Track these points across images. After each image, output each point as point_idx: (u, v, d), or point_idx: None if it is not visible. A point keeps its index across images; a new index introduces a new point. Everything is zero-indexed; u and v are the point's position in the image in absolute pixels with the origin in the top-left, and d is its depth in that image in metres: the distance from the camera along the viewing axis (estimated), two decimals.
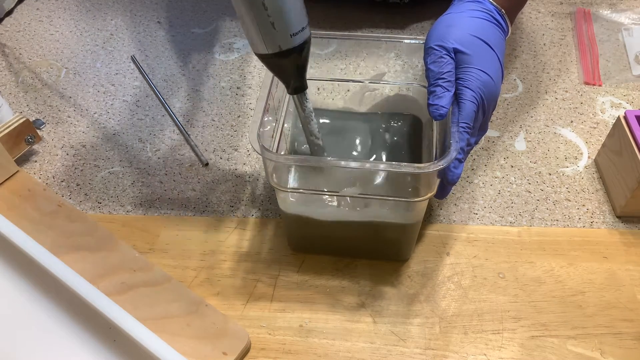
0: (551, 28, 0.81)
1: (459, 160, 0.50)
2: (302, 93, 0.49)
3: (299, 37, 0.44)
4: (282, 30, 0.43)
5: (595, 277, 0.54)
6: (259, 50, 0.45)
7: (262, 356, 0.50)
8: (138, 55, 0.79)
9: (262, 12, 0.42)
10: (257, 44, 0.45)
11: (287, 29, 0.43)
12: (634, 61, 0.75)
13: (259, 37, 0.44)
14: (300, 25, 0.44)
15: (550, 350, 0.49)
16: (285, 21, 0.43)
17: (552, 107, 0.70)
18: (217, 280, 0.55)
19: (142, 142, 0.68)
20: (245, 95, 0.73)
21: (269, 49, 0.44)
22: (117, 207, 0.61)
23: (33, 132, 0.64)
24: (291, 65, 0.46)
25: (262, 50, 0.45)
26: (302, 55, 0.46)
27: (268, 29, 0.43)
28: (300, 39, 0.44)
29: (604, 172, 0.62)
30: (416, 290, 0.54)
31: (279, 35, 0.43)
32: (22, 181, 0.62)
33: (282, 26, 0.43)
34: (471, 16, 0.52)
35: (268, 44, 0.44)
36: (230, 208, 0.61)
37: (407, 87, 0.59)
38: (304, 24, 0.45)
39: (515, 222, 0.59)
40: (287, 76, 0.48)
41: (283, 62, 0.46)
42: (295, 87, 0.48)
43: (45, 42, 0.82)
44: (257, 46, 0.45)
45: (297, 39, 0.44)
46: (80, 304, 0.50)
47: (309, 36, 0.46)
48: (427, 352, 0.49)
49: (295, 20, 0.44)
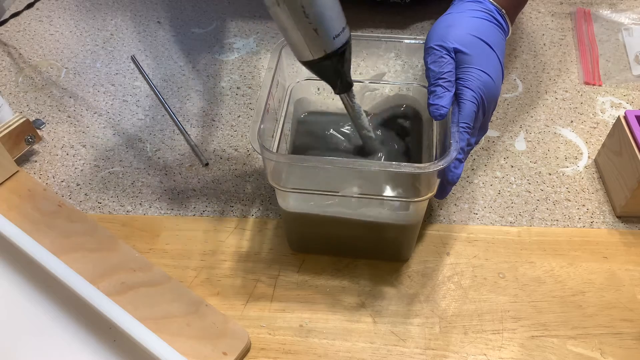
0: (551, 28, 0.81)
1: (459, 160, 0.50)
2: (350, 91, 0.50)
3: (341, 38, 0.45)
4: (325, 35, 0.44)
5: (595, 277, 0.54)
6: (305, 57, 0.46)
7: (262, 356, 0.50)
8: (138, 55, 0.79)
9: (303, 20, 0.43)
10: (302, 52, 0.46)
11: (329, 32, 0.44)
12: (634, 61, 0.75)
13: (303, 45, 0.45)
14: (341, 26, 0.45)
15: (550, 350, 0.49)
16: (327, 25, 0.44)
17: (552, 107, 0.70)
18: (217, 280, 0.55)
19: (142, 142, 0.68)
20: (245, 95, 0.73)
21: (314, 55, 0.46)
22: (117, 207, 0.61)
23: (33, 132, 0.64)
24: (337, 67, 0.47)
25: (307, 57, 0.46)
26: (345, 54, 0.47)
27: (311, 35, 0.44)
28: (342, 39, 0.46)
29: (604, 172, 0.62)
30: (416, 290, 0.54)
31: (322, 39, 0.45)
32: (22, 181, 0.62)
33: (324, 31, 0.44)
34: (471, 16, 0.52)
35: (313, 50, 0.45)
36: (230, 208, 0.61)
37: (407, 87, 0.59)
38: (343, 24, 0.46)
39: (515, 222, 0.59)
40: (334, 78, 0.49)
41: (329, 64, 0.47)
42: (342, 86, 0.49)
43: (45, 42, 0.82)
44: (302, 54, 0.46)
45: (339, 41, 0.45)
46: (80, 304, 0.50)
47: (349, 36, 0.47)
48: (427, 352, 0.49)
49: (336, 22, 0.45)
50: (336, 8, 0.45)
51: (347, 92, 0.50)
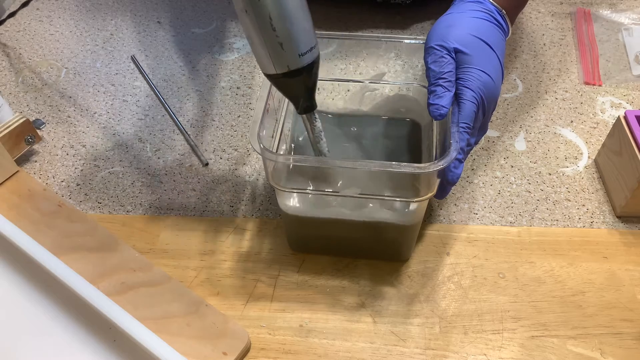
0: (551, 28, 0.81)
1: (459, 160, 0.50)
2: (312, 112, 0.49)
3: (307, 57, 0.44)
4: (291, 51, 0.43)
5: (595, 277, 0.54)
6: (268, 70, 0.45)
7: (262, 356, 0.50)
8: (138, 55, 0.79)
9: (270, 33, 0.42)
10: (265, 65, 0.45)
11: (296, 49, 0.43)
12: (634, 61, 0.75)
13: (267, 58, 0.44)
14: (309, 45, 0.44)
15: (550, 350, 0.49)
16: (294, 41, 0.43)
17: (552, 107, 0.70)
18: (217, 280, 0.55)
19: (142, 142, 0.68)
20: (245, 95, 0.73)
21: (277, 69, 0.44)
22: (117, 207, 0.61)
23: (33, 132, 0.64)
24: (300, 85, 0.46)
25: (270, 70, 0.45)
26: (311, 75, 0.46)
27: (276, 49, 0.43)
28: (308, 58, 0.44)
29: (604, 172, 0.62)
30: (416, 290, 0.54)
31: (288, 55, 0.43)
32: (22, 181, 0.62)
33: (290, 46, 0.43)
34: (472, 16, 0.52)
35: (277, 65, 0.44)
36: (230, 208, 0.61)
37: (407, 87, 0.59)
38: (312, 44, 0.44)
39: (515, 222, 0.59)
40: (296, 96, 0.48)
41: (292, 82, 0.46)
42: (304, 107, 0.48)
43: (45, 42, 0.82)
44: (265, 67, 0.45)
45: (305, 59, 0.44)
46: (80, 304, 0.50)
47: (317, 56, 0.46)
48: (427, 352, 0.49)
49: (304, 40, 0.43)
50: (306, 25, 0.44)
51: (309, 113, 0.49)
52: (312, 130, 0.50)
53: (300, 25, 0.43)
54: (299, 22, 0.43)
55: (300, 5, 0.43)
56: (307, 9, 0.44)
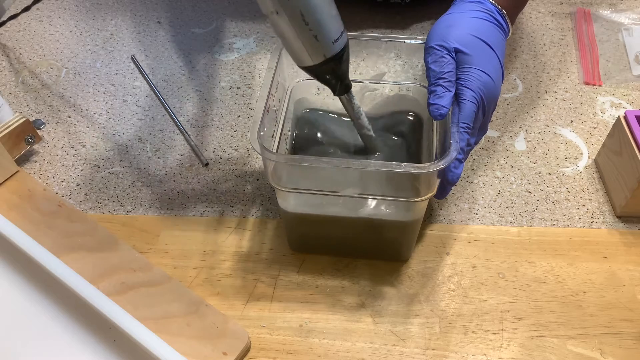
0: (551, 28, 0.81)
1: (459, 160, 0.50)
2: (349, 92, 0.50)
3: (340, 42, 0.46)
4: (325, 40, 0.45)
5: (595, 277, 0.54)
6: (305, 63, 0.47)
7: (262, 356, 0.50)
8: (138, 55, 0.79)
9: (303, 28, 0.44)
10: (303, 58, 0.46)
11: (329, 37, 0.45)
12: (634, 61, 0.75)
13: (303, 51, 0.46)
14: (339, 31, 0.46)
15: (550, 350, 0.49)
16: (326, 31, 0.45)
17: (552, 107, 0.70)
18: (217, 280, 0.55)
19: (142, 142, 0.68)
20: (245, 95, 0.73)
21: (314, 60, 0.46)
22: (117, 207, 0.61)
23: (33, 132, 0.64)
24: (337, 70, 0.48)
25: (308, 62, 0.46)
26: (344, 57, 0.47)
27: (312, 41, 0.45)
28: (341, 43, 0.46)
29: (604, 172, 0.62)
30: (416, 290, 0.54)
31: (322, 45, 0.45)
32: (22, 181, 0.62)
33: (324, 36, 0.45)
34: (472, 16, 0.52)
35: (313, 56, 0.46)
36: (230, 208, 0.61)
37: (407, 87, 0.59)
38: (342, 29, 0.46)
39: (515, 222, 0.59)
40: (334, 81, 0.49)
41: (329, 68, 0.47)
42: (341, 89, 0.50)
43: (45, 42, 0.82)
44: (302, 60, 0.47)
45: (338, 45, 0.46)
46: (80, 304, 0.50)
47: (347, 39, 0.47)
48: (427, 352, 0.49)
49: (334, 27, 0.45)
50: (334, 13, 0.45)
51: (347, 93, 0.50)
52: (352, 107, 0.52)
53: (329, 14, 0.44)
54: (328, 11, 0.44)
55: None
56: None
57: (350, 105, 0.51)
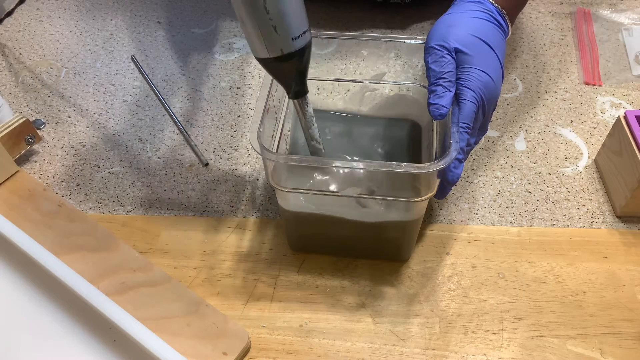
0: (551, 28, 0.81)
1: (459, 160, 0.50)
2: (303, 97, 0.49)
3: (300, 41, 0.44)
4: (284, 34, 0.43)
5: (595, 277, 0.54)
6: (260, 54, 0.45)
7: (262, 356, 0.50)
8: (138, 55, 0.79)
9: (264, 16, 0.42)
10: (258, 48, 0.45)
11: (289, 32, 0.43)
12: (634, 61, 0.75)
13: (260, 41, 0.44)
14: (302, 29, 0.44)
15: (550, 350, 0.49)
16: (287, 25, 0.43)
17: (552, 107, 0.70)
18: (217, 280, 0.55)
19: (142, 142, 0.68)
20: (245, 95, 0.73)
21: (270, 53, 0.44)
22: (117, 207, 0.61)
23: (33, 132, 0.64)
24: (292, 69, 0.46)
25: (263, 54, 0.45)
26: (303, 58, 0.46)
27: (270, 32, 0.43)
28: (301, 42, 0.44)
29: (604, 172, 0.62)
30: (416, 290, 0.54)
31: (281, 39, 0.43)
32: (22, 181, 0.62)
33: (284, 30, 0.43)
34: (472, 16, 0.52)
35: (270, 48, 0.44)
36: (230, 208, 0.61)
37: (407, 87, 0.59)
38: (305, 28, 0.44)
39: (515, 222, 0.59)
40: (288, 80, 0.47)
41: (284, 66, 0.45)
42: (296, 91, 0.48)
43: (45, 42, 0.82)
44: (258, 50, 0.45)
45: (298, 43, 0.44)
46: (80, 304, 0.50)
47: (309, 40, 0.46)
48: (427, 352, 0.49)
49: (297, 23, 0.43)
50: (299, 9, 0.44)
51: (301, 98, 0.49)
52: (304, 115, 0.50)
53: (293, 8, 0.43)
54: (292, 4, 0.43)
55: None
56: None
57: (303, 112, 0.49)
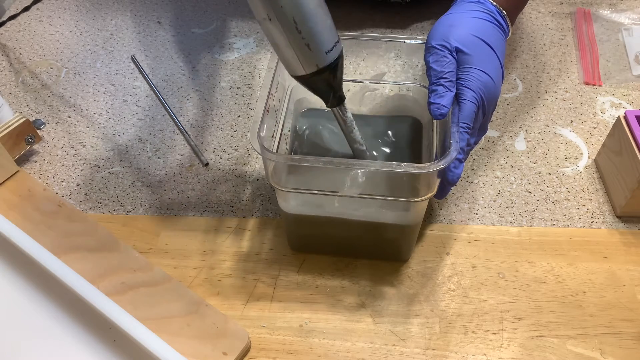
0: (551, 28, 0.81)
1: (459, 160, 0.50)
2: (342, 105, 0.49)
3: (333, 53, 0.45)
4: (317, 50, 0.44)
5: (595, 277, 0.54)
6: (297, 72, 0.46)
7: (262, 356, 0.50)
8: (138, 55, 0.79)
9: (296, 36, 0.43)
10: (294, 67, 0.46)
11: (322, 47, 0.44)
12: (634, 61, 0.75)
13: (295, 61, 0.45)
14: (333, 41, 0.45)
15: (550, 350, 0.49)
16: (319, 40, 0.44)
17: (552, 107, 0.70)
18: (217, 280, 0.55)
19: (142, 142, 0.68)
20: (245, 95, 0.73)
21: (307, 70, 0.45)
22: (117, 207, 0.61)
23: (33, 132, 0.64)
24: (329, 81, 0.47)
25: (300, 72, 0.46)
26: (337, 69, 0.46)
27: (304, 50, 0.44)
28: (334, 54, 0.45)
29: (604, 172, 0.62)
30: (416, 290, 0.54)
31: (315, 55, 0.44)
32: (22, 181, 0.62)
33: (317, 46, 0.44)
34: (473, 16, 0.52)
35: (305, 65, 0.45)
36: (230, 208, 0.61)
37: (407, 87, 0.59)
38: (335, 39, 0.45)
39: (515, 222, 0.59)
40: (326, 92, 0.48)
41: (321, 79, 0.46)
42: (334, 100, 0.49)
43: (45, 42, 0.82)
44: (294, 69, 0.46)
45: (331, 55, 0.45)
46: (80, 304, 0.50)
47: (341, 50, 0.46)
48: (427, 352, 0.49)
49: (328, 37, 0.44)
50: (328, 22, 0.44)
51: (339, 105, 0.49)
52: (344, 121, 0.51)
53: (323, 24, 0.44)
54: (322, 20, 0.43)
55: (320, 3, 0.43)
56: (325, 6, 0.44)
57: (343, 118, 0.50)
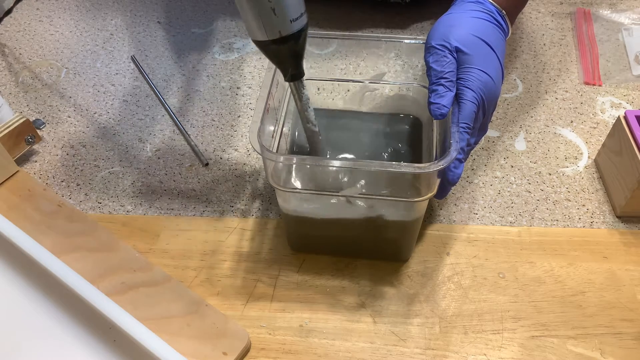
0: (551, 28, 0.81)
1: (459, 160, 0.50)
2: (299, 80, 0.49)
3: (298, 23, 0.44)
4: (282, 16, 0.43)
5: (595, 277, 0.54)
6: (258, 37, 0.45)
7: (262, 356, 0.50)
8: (138, 55, 0.79)
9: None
10: (256, 31, 0.45)
11: (287, 14, 0.43)
12: (634, 61, 0.75)
13: (258, 24, 0.44)
14: (299, 11, 0.44)
15: (550, 350, 0.49)
16: (286, 7, 0.43)
17: (552, 107, 0.70)
18: (217, 280, 0.55)
19: (142, 142, 0.68)
20: (245, 95, 0.73)
21: (268, 36, 0.44)
22: (117, 207, 0.61)
23: (33, 132, 0.64)
24: (290, 52, 0.46)
25: (261, 36, 0.45)
26: (299, 41, 0.46)
27: (268, 15, 0.43)
28: (299, 24, 0.44)
29: (604, 172, 0.62)
30: (416, 290, 0.54)
31: (279, 21, 0.43)
32: (22, 181, 0.62)
33: (282, 12, 0.43)
34: (472, 17, 0.52)
35: (268, 31, 0.44)
36: (230, 208, 0.61)
37: (407, 87, 0.59)
38: (302, 10, 0.45)
39: (515, 222, 0.59)
40: (285, 63, 0.47)
41: (282, 48, 0.45)
42: (292, 74, 0.48)
43: (45, 42, 0.82)
44: (256, 33, 0.45)
45: (296, 25, 0.44)
46: (80, 304, 0.50)
47: (306, 22, 0.46)
48: (427, 352, 0.49)
49: (295, 5, 0.44)
50: None
51: (297, 81, 0.49)
52: (300, 98, 0.50)
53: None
54: None
55: None
56: None
57: (299, 95, 0.50)
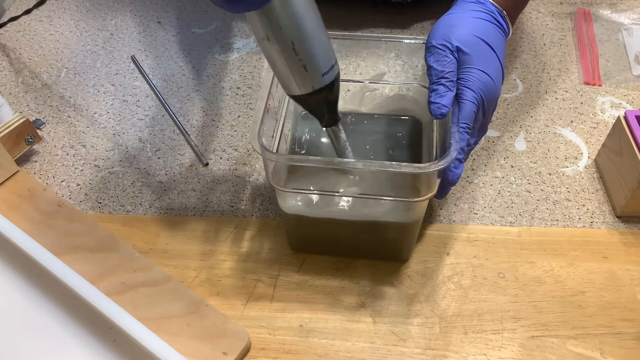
0: (551, 28, 0.81)
1: (459, 160, 0.50)
2: (336, 125, 0.50)
3: (329, 75, 0.45)
4: (314, 72, 0.44)
5: (595, 277, 0.54)
6: (293, 92, 0.46)
7: (262, 356, 0.50)
8: (138, 55, 0.79)
9: (293, 57, 0.43)
10: (290, 87, 0.46)
11: (318, 69, 0.44)
12: (634, 61, 0.75)
13: (291, 80, 0.45)
14: (330, 64, 0.45)
15: (550, 350, 0.49)
16: (316, 62, 0.44)
17: (552, 107, 0.70)
18: (217, 280, 0.55)
19: (142, 142, 0.68)
20: (245, 95, 0.73)
21: (302, 91, 0.45)
22: (117, 207, 0.61)
23: (33, 132, 0.64)
24: (324, 101, 0.47)
25: (295, 92, 0.46)
26: (333, 91, 0.47)
27: (300, 71, 0.44)
28: (331, 76, 0.45)
29: (604, 172, 0.62)
30: (416, 290, 0.54)
31: (311, 76, 0.44)
32: (22, 181, 0.62)
33: (313, 68, 0.44)
34: (473, 17, 0.52)
35: (301, 86, 0.45)
36: (230, 208, 0.61)
37: (407, 87, 0.59)
38: (333, 62, 0.45)
39: (515, 222, 0.59)
40: (321, 112, 0.48)
41: (316, 99, 0.47)
42: (328, 121, 0.49)
43: (45, 42, 0.82)
44: (290, 89, 0.46)
45: (327, 77, 0.45)
46: (80, 304, 0.50)
47: (338, 72, 0.46)
48: (427, 352, 0.49)
49: (325, 60, 0.45)
50: (326, 45, 0.45)
51: (334, 126, 0.50)
52: (338, 141, 0.51)
53: (321, 46, 0.44)
54: (320, 43, 0.44)
55: (319, 26, 0.44)
56: (324, 29, 0.44)
57: (337, 139, 0.51)
